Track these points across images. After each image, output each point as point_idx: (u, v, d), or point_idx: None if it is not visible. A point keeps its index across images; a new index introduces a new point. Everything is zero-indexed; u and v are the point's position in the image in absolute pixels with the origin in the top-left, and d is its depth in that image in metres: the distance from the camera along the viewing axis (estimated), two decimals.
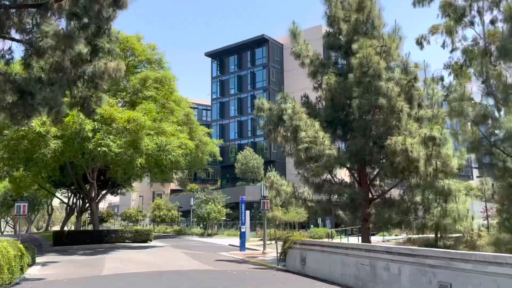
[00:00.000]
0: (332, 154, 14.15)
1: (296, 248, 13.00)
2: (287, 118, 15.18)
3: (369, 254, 9.05)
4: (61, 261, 18.23)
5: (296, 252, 12.89)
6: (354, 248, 9.76)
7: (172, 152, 23.31)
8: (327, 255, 10.97)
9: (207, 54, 61.16)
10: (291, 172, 50.75)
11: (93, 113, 17.85)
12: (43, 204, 65.78)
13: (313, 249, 11.79)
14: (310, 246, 12.03)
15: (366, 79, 14.03)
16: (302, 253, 12.44)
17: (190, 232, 41.38)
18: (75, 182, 30.59)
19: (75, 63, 16.33)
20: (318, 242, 11.84)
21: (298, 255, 12.75)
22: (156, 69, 28.48)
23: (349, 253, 9.91)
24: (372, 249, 9.02)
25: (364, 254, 9.18)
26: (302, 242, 12.59)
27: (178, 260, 17.97)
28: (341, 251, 10.24)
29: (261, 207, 20.90)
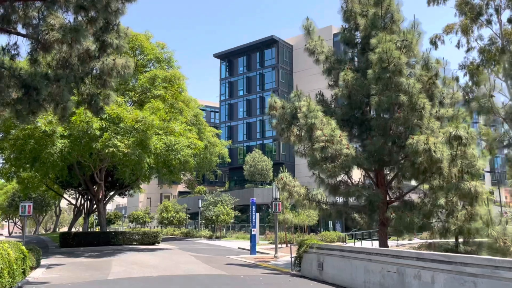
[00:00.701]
0: (350, 153, 13.44)
1: (312, 253, 12.29)
2: (301, 116, 14.50)
3: (396, 260, 8.33)
4: (66, 263, 17.69)
5: (313, 256, 12.17)
6: (378, 254, 9.04)
7: (181, 151, 22.70)
8: (347, 261, 10.25)
9: (216, 56, 60.70)
10: (300, 174, 49.95)
11: (101, 111, 17.35)
12: (51, 205, 65.63)
13: (332, 254, 11.07)
14: (328, 250, 11.31)
15: (386, 75, 13.30)
16: (319, 257, 11.72)
17: (198, 235, 40.78)
18: (82, 183, 30.15)
19: (83, 60, 15.85)
20: (337, 246, 11.13)
21: (314, 260, 12.03)
22: (165, 68, 27.95)
23: (372, 259, 9.19)
24: (400, 255, 8.29)
25: (391, 260, 8.46)
26: (319, 246, 11.87)
27: (187, 263, 17.32)
28: (364, 257, 9.52)
29: (272, 209, 20.19)
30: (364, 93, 15.14)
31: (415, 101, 13.54)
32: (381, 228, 15.84)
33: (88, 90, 16.66)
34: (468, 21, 30.79)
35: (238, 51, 58.23)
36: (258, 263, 17.21)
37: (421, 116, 13.68)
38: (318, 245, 11.98)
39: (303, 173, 34.77)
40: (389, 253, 8.68)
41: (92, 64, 15.84)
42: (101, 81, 16.51)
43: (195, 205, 49.84)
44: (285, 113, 17.14)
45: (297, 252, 13.12)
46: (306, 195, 17.15)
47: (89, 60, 15.83)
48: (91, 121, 20.59)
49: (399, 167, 14.80)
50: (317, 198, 17.18)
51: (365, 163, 13.92)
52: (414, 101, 13.54)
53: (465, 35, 31.64)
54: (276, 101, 17.50)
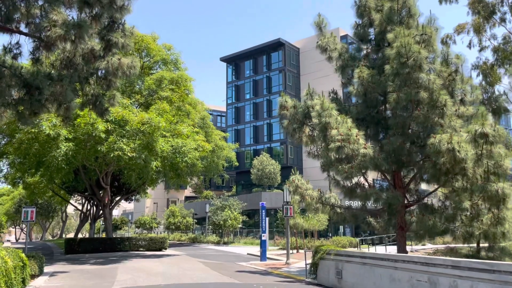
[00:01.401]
0: (368, 153, 12.70)
1: (329, 259, 11.54)
2: (315, 115, 13.80)
3: (427, 269, 7.58)
4: (71, 270, 17.06)
5: (330, 263, 11.43)
6: (406, 261, 8.29)
7: (188, 154, 22.06)
8: (369, 268, 9.51)
9: (222, 59, 60.27)
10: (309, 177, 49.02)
11: (106, 112, 16.77)
12: (58, 211, 65.30)
13: (352, 261, 10.32)
14: (348, 257, 10.56)
15: (405, 70, 12.58)
16: (338, 265, 10.97)
17: (205, 240, 40.07)
18: (88, 188, 29.61)
19: (87, 60, 15.30)
20: (357, 253, 10.38)
21: (332, 267, 11.28)
22: (171, 70, 27.42)
23: (399, 267, 8.44)
24: (432, 262, 7.54)
25: (421, 268, 7.72)
26: (337, 253, 11.12)
27: (196, 270, 16.62)
28: (389, 264, 8.77)
29: (284, 213, 19.45)
30: (380, 91, 14.44)
31: (435, 98, 12.80)
32: (399, 233, 15.06)
33: (93, 91, 16.12)
34: (480, 20, 30.02)
35: (245, 54, 57.73)
36: (270, 270, 16.46)
37: (443, 114, 12.92)
38: (336, 251, 11.23)
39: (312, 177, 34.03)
40: (418, 261, 7.92)
41: (97, 64, 15.30)
42: (106, 81, 15.98)
43: (202, 210, 49.16)
44: (297, 113, 16.47)
45: (313, 259, 12.38)
46: (319, 198, 16.41)
47: (94, 60, 15.29)
48: (96, 123, 20.04)
49: (418, 168, 14.03)
50: (331, 202, 16.43)
51: (383, 164, 13.17)
52: (435, 98, 12.80)
53: (477, 34, 30.84)
54: (287, 101, 16.83)
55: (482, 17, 29.08)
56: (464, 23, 31.48)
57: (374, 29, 15.78)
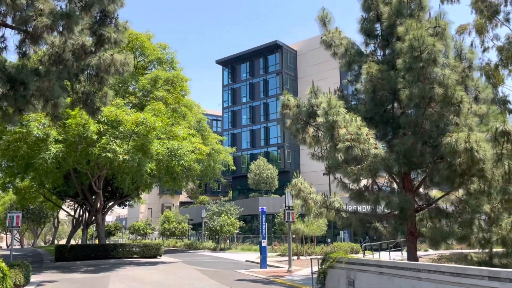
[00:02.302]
0: (379, 154, 11.82)
1: (339, 268, 10.62)
2: (321, 113, 12.89)
3: (458, 280, 6.70)
4: (59, 280, 15.99)
5: (341, 273, 10.51)
6: (432, 271, 7.39)
7: (185, 157, 21.09)
8: (387, 279, 8.60)
9: (218, 62, 59.47)
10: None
11: (98, 112, 15.82)
12: (49, 217, 63.81)
13: (366, 270, 9.41)
14: (362, 265, 9.65)
15: (419, 64, 11.74)
16: (349, 274, 10.06)
17: (201, 247, 38.98)
18: (80, 192, 28.49)
19: (78, 56, 14.35)
20: (373, 261, 9.46)
21: (343, 276, 10.36)
22: (167, 70, 26.50)
23: (423, 277, 7.55)
24: (464, 273, 6.66)
25: (450, 279, 6.83)
26: (350, 261, 10.20)
27: (193, 279, 15.62)
28: (411, 274, 7.87)
29: (285, 219, 18.52)
30: (390, 88, 13.60)
31: (451, 94, 11.96)
32: (410, 239, 14.16)
33: (84, 88, 15.17)
34: (482, 20, 29.45)
35: (241, 57, 56.96)
36: (272, 279, 15.50)
37: (458, 112, 12.08)
38: (348, 259, 10.31)
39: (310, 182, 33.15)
40: (447, 270, 7.03)
41: (88, 60, 14.39)
42: (97, 78, 15.06)
43: (198, 215, 48.06)
44: (300, 112, 15.59)
45: (320, 267, 11.45)
46: (324, 202, 15.51)
47: (85, 57, 14.39)
48: (87, 124, 19.06)
49: (431, 169, 13.16)
50: (335, 206, 15.55)
51: (394, 166, 12.29)
52: (450, 94, 11.96)
53: (479, 35, 30.26)
54: (289, 100, 15.94)
55: (485, 17, 28.48)
56: (465, 24, 30.88)
57: (381, 23, 14.95)
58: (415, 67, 11.87)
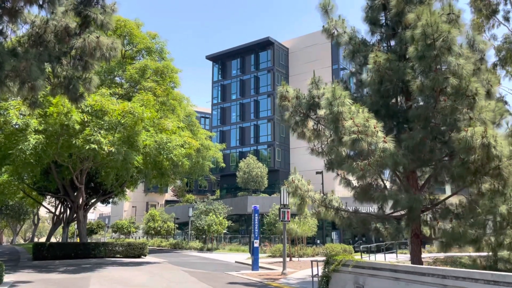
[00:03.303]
0: (388, 148, 10.89)
1: (345, 272, 9.65)
2: (325, 103, 11.92)
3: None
4: (35, 280, 14.70)
5: (347, 277, 9.54)
6: (461, 278, 6.45)
7: (174, 151, 19.89)
8: (404, 285, 7.65)
9: (208, 57, 58.26)
10: None
11: (81, 98, 14.56)
12: (29, 214, 61.70)
13: (378, 275, 8.46)
14: (372, 270, 8.69)
15: (432, 52, 10.84)
16: (358, 279, 9.09)
17: (187, 246, 37.73)
18: (60, 188, 27.03)
19: (61, 38, 13.14)
20: (387, 265, 8.48)
21: (350, 281, 9.39)
22: (156, 60, 25.22)
23: (449, 284, 6.62)
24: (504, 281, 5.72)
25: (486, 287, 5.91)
26: (358, 264, 9.22)
27: (182, 282, 14.50)
28: (435, 281, 6.92)
29: (280, 218, 17.51)
30: (398, 79, 12.70)
31: (465, 86, 11.11)
32: (414, 241, 13.29)
33: (66, 72, 13.91)
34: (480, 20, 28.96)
35: (232, 53, 55.86)
36: (267, 282, 14.46)
37: (472, 105, 11.23)
38: (356, 262, 9.34)
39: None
40: (481, 277, 6.10)
41: (71, 42, 13.18)
42: (81, 62, 13.84)
43: (184, 214, 46.76)
44: (300, 104, 14.65)
45: (323, 270, 10.47)
46: (323, 201, 14.60)
47: (68, 40, 13.19)
48: (70, 113, 17.76)
49: (441, 167, 12.31)
50: (334, 205, 14.64)
51: (402, 161, 11.36)
52: (464, 85, 11.11)
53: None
54: (288, 91, 14.99)
55: (483, 16, 27.98)
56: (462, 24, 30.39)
57: (388, 11, 14.09)
58: (428, 56, 10.97)
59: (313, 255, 27.61)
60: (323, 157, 15.08)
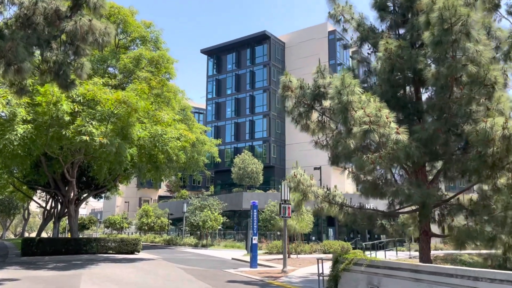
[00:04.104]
0: (401, 140, 10.20)
1: (357, 272, 8.96)
2: (333, 92, 11.20)
3: None
4: (22, 278, 13.85)
5: (359, 277, 8.85)
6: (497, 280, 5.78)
7: (169, 143, 19.07)
8: (427, 287, 6.98)
9: (203, 51, 57.26)
10: None
11: (72, 86, 13.68)
12: (20, 208, 60.48)
13: (396, 276, 7.78)
14: (389, 269, 8.00)
15: (450, 37, 10.17)
16: (372, 279, 8.41)
17: (182, 243, 36.94)
18: (51, 181, 26.09)
19: (51, 21, 12.29)
20: (406, 264, 7.76)
21: (362, 282, 8.71)
22: (151, 50, 24.31)
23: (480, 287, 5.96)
24: None
25: None
26: (372, 264, 8.53)
27: (178, 280, 13.75)
28: (464, 283, 6.25)
29: (281, 214, 16.81)
30: (409, 67, 12.02)
31: (483, 74, 10.45)
32: (423, 238, 12.68)
33: (56, 57, 13.02)
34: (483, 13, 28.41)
35: (228, 47, 54.92)
36: (268, 281, 13.76)
37: (491, 94, 10.60)
38: (370, 261, 8.65)
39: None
40: None
41: (62, 25, 12.33)
42: (72, 47, 12.99)
43: (178, 210, 45.93)
44: (304, 94, 13.92)
45: (333, 270, 9.78)
46: (326, 196, 13.91)
47: (59, 23, 12.33)
48: (59, 102, 16.86)
49: (454, 160, 11.66)
50: (338, 201, 13.96)
51: (415, 154, 10.68)
52: (483, 74, 10.45)
53: None
54: (291, 80, 14.25)
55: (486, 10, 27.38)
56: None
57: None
58: (445, 41, 10.29)
59: (310, 252, 27.00)
60: (327, 151, 14.39)
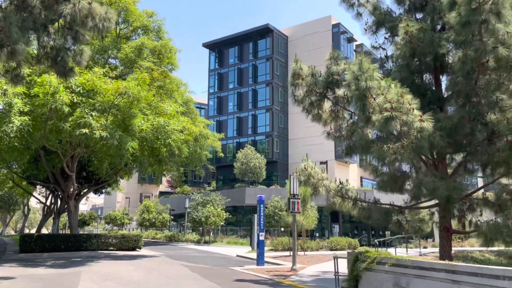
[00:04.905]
0: (426, 128, 9.43)
1: (381, 271, 8.21)
2: (350, 78, 10.42)
3: None
4: (18, 276, 13.14)
5: (384, 277, 8.11)
6: None
7: (172, 135, 18.30)
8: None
9: (205, 45, 56.38)
10: None
11: (70, 73, 12.90)
12: (19, 204, 59.84)
13: (428, 276, 7.02)
14: (420, 270, 7.25)
15: (479, 17, 9.39)
16: (399, 280, 7.66)
17: (184, 239, 36.25)
18: (50, 176, 25.36)
19: (48, 5, 11.54)
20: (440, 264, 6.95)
21: (388, 282, 7.96)
22: (153, 40, 23.48)
23: None
24: None
25: None
26: (399, 263, 7.77)
27: (182, 279, 13.02)
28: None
29: (290, 209, 16.06)
30: (432, 51, 11.23)
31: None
32: (444, 235, 11.95)
33: (53, 42, 12.26)
34: None
35: (230, 41, 54.03)
36: (278, 280, 13.02)
37: None
38: (396, 260, 7.90)
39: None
40: None
41: (60, 9, 11.56)
42: (71, 32, 12.22)
43: (180, 205, 45.24)
44: (316, 82, 13.14)
45: (352, 269, 9.04)
46: (339, 190, 13.18)
47: (56, 7, 11.56)
48: (58, 93, 16.08)
49: (480, 151, 10.89)
50: (352, 195, 13.23)
51: (440, 144, 9.92)
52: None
53: None
54: (302, 68, 13.49)
55: None
56: None
57: None
58: (473, 21, 9.50)
59: (317, 249, 26.29)
60: (340, 141, 13.63)
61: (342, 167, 47.43)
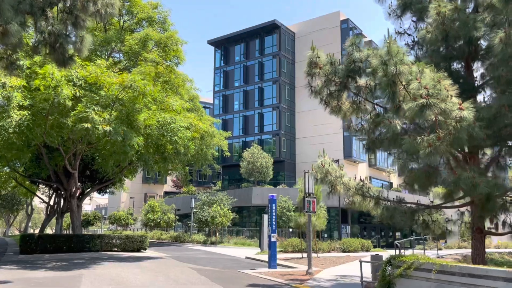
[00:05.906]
0: (466, 117, 8.41)
1: (420, 278, 7.21)
2: (377, 63, 9.41)
3: None
4: (15, 280, 12.24)
5: (424, 285, 7.09)
6: None
7: (178, 132, 17.37)
8: None
9: (210, 42, 55.44)
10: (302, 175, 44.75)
11: (70, 62, 11.92)
12: (23, 204, 59.20)
13: (480, 285, 6.03)
14: (471, 278, 6.23)
15: None
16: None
17: (190, 240, 35.32)
18: (52, 174, 24.51)
19: None
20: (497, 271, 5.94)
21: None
22: (158, 32, 22.56)
23: None
24: None
25: None
26: (444, 269, 6.76)
27: (192, 283, 12.06)
28: None
29: (305, 209, 15.05)
30: (466, 35, 10.21)
31: None
32: (477, 237, 10.91)
33: (52, 27, 11.32)
34: None
35: (235, 38, 53.07)
36: (295, 285, 12.01)
37: None
38: (440, 265, 6.88)
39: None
40: None
41: None
42: (71, 17, 11.30)
43: (185, 205, 44.33)
44: (336, 71, 12.11)
45: (382, 275, 8.04)
46: (359, 189, 12.21)
47: None
48: (59, 87, 15.18)
49: None
50: (374, 194, 12.24)
51: (480, 135, 8.90)
52: None
53: None
54: (319, 56, 12.44)
55: None
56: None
57: None
58: None
59: (329, 251, 25.29)
60: (362, 135, 12.63)
61: (351, 166, 46.32)
